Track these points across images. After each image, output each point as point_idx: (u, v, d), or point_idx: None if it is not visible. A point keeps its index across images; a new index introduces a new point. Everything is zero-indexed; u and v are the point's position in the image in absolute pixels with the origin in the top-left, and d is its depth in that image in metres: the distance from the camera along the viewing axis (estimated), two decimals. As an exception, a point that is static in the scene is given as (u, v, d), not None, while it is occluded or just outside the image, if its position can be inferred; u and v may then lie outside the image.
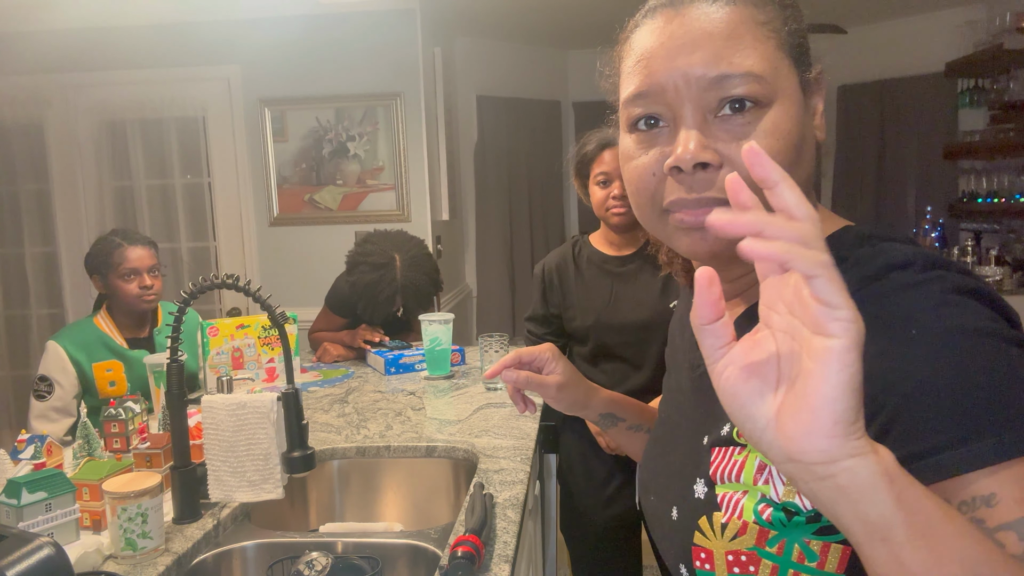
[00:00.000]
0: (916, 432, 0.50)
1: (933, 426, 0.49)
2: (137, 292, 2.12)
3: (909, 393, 0.50)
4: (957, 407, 0.49)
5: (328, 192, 3.75)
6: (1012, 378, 0.49)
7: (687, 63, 0.59)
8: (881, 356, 0.51)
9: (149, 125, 3.81)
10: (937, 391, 0.50)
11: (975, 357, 0.50)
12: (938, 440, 0.49)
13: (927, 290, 0.53)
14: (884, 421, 0.51)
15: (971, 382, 0.49)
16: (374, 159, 3.71)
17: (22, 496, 1.15)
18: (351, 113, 3.69)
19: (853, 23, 4.58)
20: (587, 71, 5.50)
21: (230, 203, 3.85)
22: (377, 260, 2.37)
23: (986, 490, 0.47)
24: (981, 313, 0.52)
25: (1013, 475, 0.47)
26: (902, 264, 0.55)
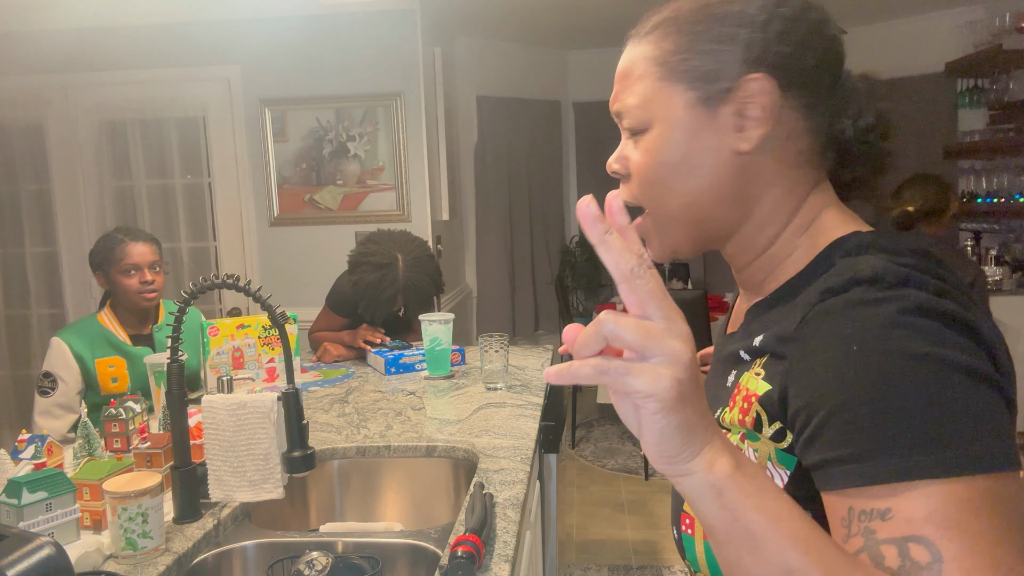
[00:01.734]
0: (836, 442, 0.54)
1: (850, 439, 0.53)
2: (137, 287, 2.13)
3: (838, 405, 0.54)
4: (874, 425, 0.52)
5: (328, 192, 3.75)
6: (933, 405, 0.52)
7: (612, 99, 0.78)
8: (825, 367, 0.56)
9: (149, 125, 3.81)
10: (860, 408, 0.53)
11: (904, 381, 0.52)
12: (851, 452, 0.53)
13: (881, 309, 0.55)
14: (816, 426, 0.56)
15: (893, 404, 0.52)
16: (374, 159, 3.72)
17: (23, 496, 1.15)
18: (351, 113, 3.69)
19: (853, 23, 4.59)
20: (587, 71, 5.56)
21: (230, 203, 3.85)
22: (379, 260, 2.37)
23: (883, 505, 0.51)
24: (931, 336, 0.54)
25: (912, 496, 0.50)
26: (868, 279, 0.57)
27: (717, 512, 0.49)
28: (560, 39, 5.05)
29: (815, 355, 0.57)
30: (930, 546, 0.49)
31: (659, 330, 0.45)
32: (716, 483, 0.48)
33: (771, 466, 0.63)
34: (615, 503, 3.70)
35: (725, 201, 0.69)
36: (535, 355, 2.53)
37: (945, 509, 0.50)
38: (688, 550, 0.71)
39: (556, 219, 5.44)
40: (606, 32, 4.80)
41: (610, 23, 4.55)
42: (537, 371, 2.31)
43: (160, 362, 1.88)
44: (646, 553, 3.20)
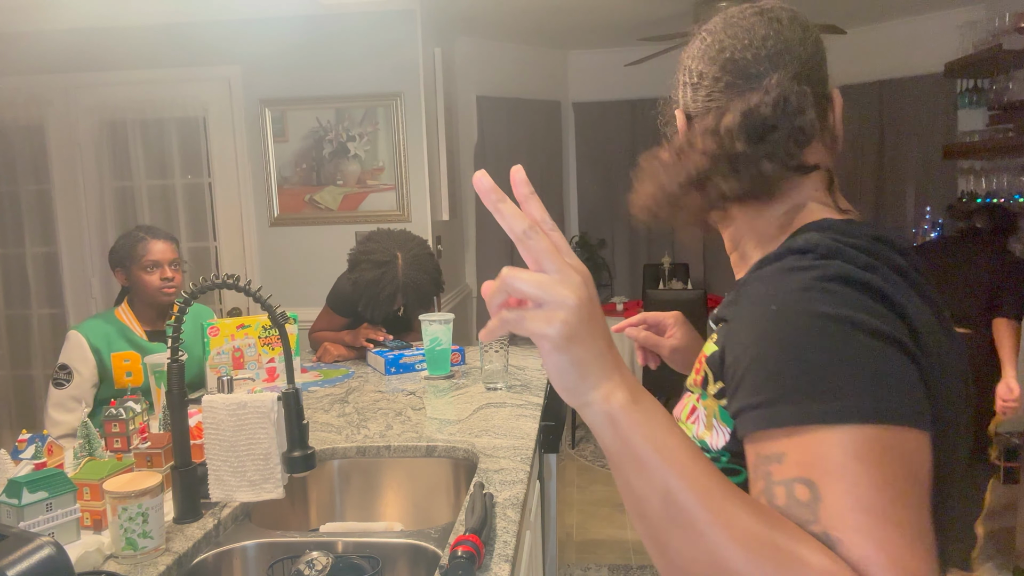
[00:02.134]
0: (749, 391, 0.60)
1: (758, 389, 0.59)
2: (158, 284, 2.18)
3: (754, 358, 0.61)
4: (779, 376, 0.58)
5: (328, 192, 3.76)
6: (834, 360, 0.57)
7: None
8: (749, 325, 0.63)
9: (150, 125, 3.81)
10: (769, 361, 0.59)
11: (810, 337, 0.58)
12: (758, 400, 0.59)
13: (803, 275, 0.62)
14: (739, 376, 0.62)
15: (797, 357, 0.58)
16: (374, 159, 3.72)
17: (23, 496, 1.15)
18: (351, 113, 3.69)
19: (853, 23, 4.58)
20: (587, 71, 5.55)
21: (230, 203, 3.85)
22: (379, 258, 2.37)
23: (780, 449, 0.57)
24: (842, 300, 0.60)
25: (804, 441, 0.56)
26: (800, 250, 0.65)
27: (612, 439, 0.55)
28: (560, 39, 5.05)
29: (743, 315, 0.64)
30: (812, 487, 0.54)
31: (550, 280, 0.52)
32: (610, 413, 0.54)
33: (716, 423, 0.69)
34: (615, 503, 3.70)
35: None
36: (535, 355, 2.53)
37: (831, 455, 0.54)
38: None
39: (556, 219, 5.39)
40: (606, 32, 4.80)
41: (610, 23, 4.55)
42: (537, 371, 2.31)
43: (160, 362, 1.88)
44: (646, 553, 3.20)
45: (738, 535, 0.52)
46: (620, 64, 4.86)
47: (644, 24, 4.45)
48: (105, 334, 2.17)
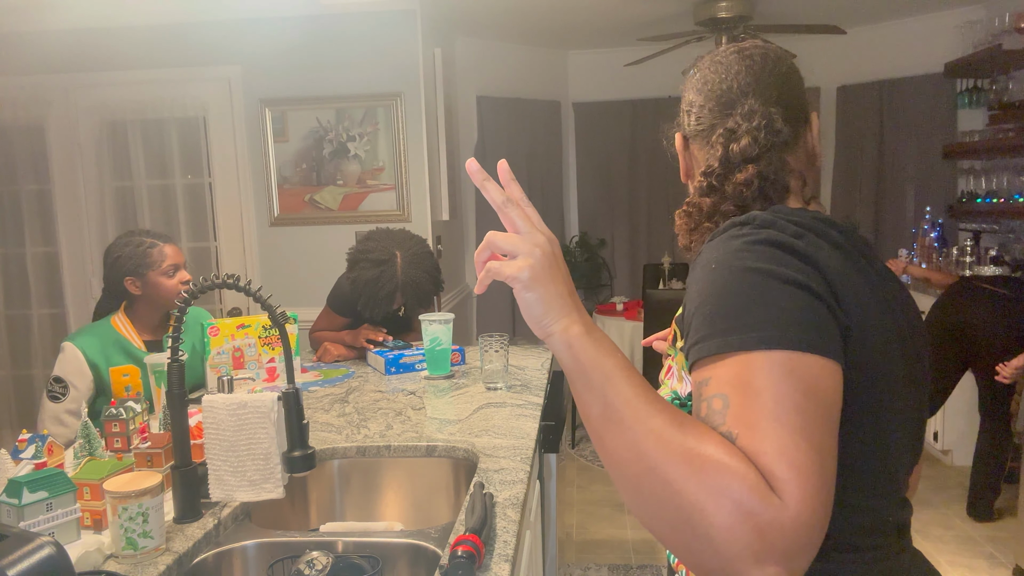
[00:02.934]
0: (691, 334, 0.74)
1: (696, 331, 0.73)
2: (180, 287, 2.13)
3: (696, 307, 0.74)
4: (710, 318, 0.71)
5: (328, 192, 3.76)
6: (753, 302, 0.70)
7: None
8: (695, 283, 0.77)
9: (150, 125, 3.81)
10: (705, 307, 0.73)
11: (737, 286, 0.72)
12: (693, 339, 0.73)
13: (738, 241, 0.75)
14: (687, 325, 0.75)
15: (725, 302, 0.71)
16: (374, 159, 3.72)
17: (23, 495, 1.15)
18: (351, 113, 3.70)
19: (853, 23, 4.59)
20: (587, 71, 5.55)
21: (231, 203, 3.85)
22: (378, 256, 2.37)
23: (707, 374, 0.70)
24: (763, 257, 0.73)
25: (723, 366, 0.69)
26: (740, 222, 0.79)
27: (569, 361, 0.70)
28: (560, 39, 5.05)
29: (693, 277, 0.78)
30: (725, 398, 0.67)
31: (520, 238, 0.70)
32: (568, 341, 0.69)
33: (684, 374, 0.84)
34: (615, 503, 3.70)
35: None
36: (535, 355, 2.53)
37: (742, 374, 0.67)
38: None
39: (556, 219, 5.44)
40: (606, 32, 4.80)
41: (610, 23, 4.55)
42: (537, 371, 2.31)
43: (160, 362, 1.88)
44: (646, 552, 3.20)
45: (654, 430, 0.65)
46: (620, 64, 4.86)
47: (644, 24, 4.45)
48: (103, 348, 2.10)
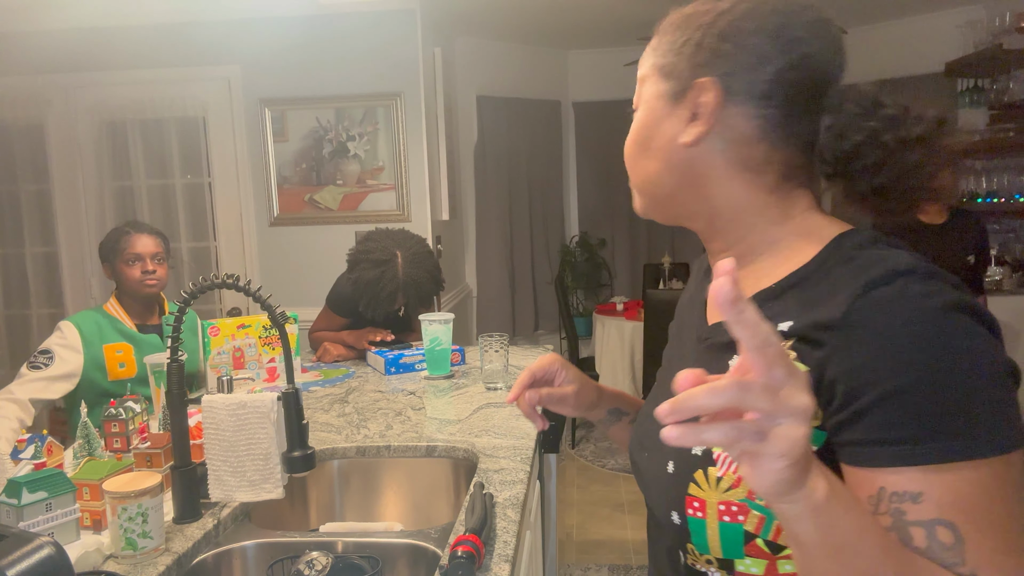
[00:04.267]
0: (883, 424, 0.58)
1: (896, 424, 0.58)
2: (139, 277, 2.21)
3: (888, 391, 0.58)
4: (921, 412, 0.57)
5: (328, 192, 3.76)
6: (970, 396, 0.57)
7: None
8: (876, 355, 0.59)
9: (149, 125, 3.81)
10: (909, 396, 0.58)
11: (952, 374, 0.57)
12: (894, 435, 0.58)
13: (928, 303, 0.60)
14: (861, 407, 0.60)
15: (940, 394, 0.57)
16: (374, 159, 3.72)
17: (22, 496, 1.15)
18: (351, 113, 3.69)
19: (853, 23, 4.59)
20: (587, 71, 5.55)
21: (230, 203, 3.85)
22: (379, 257, 2.37)
23: (916, 487, 0.57)
24: (968, 332, 0.59)
25: (943, 480, 0.56)
26: (905, 271, 0.62)
27: (813, 530, 0.53)
28: (560, 39, 5.05)
29: (866, 343, 0.60)
30: (954, 529, 0.55)
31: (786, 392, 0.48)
32: (816, 506, 0.52)
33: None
34: (615, 503, 3.70)
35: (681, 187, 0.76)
36: (535, 355, 2.53)
37: (969, 494, 0.55)
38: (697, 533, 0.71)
39: (556, 219, 5.44)
40: (606, 32, 4.80)
41: (610, 23, 4.55)
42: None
43: (160, 362, 1.88)
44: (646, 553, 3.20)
45: None
46: (620, 64, 4.86)
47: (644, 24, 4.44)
48: (97, 325, 2.20)
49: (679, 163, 0.75)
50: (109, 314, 2.25)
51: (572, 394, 0.96)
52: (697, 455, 0.72)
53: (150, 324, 2.29)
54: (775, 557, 0.67)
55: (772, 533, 0.66)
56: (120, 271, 2.22)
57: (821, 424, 0.64)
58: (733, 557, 0.69)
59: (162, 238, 2.30)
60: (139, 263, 2.21)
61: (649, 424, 0.85)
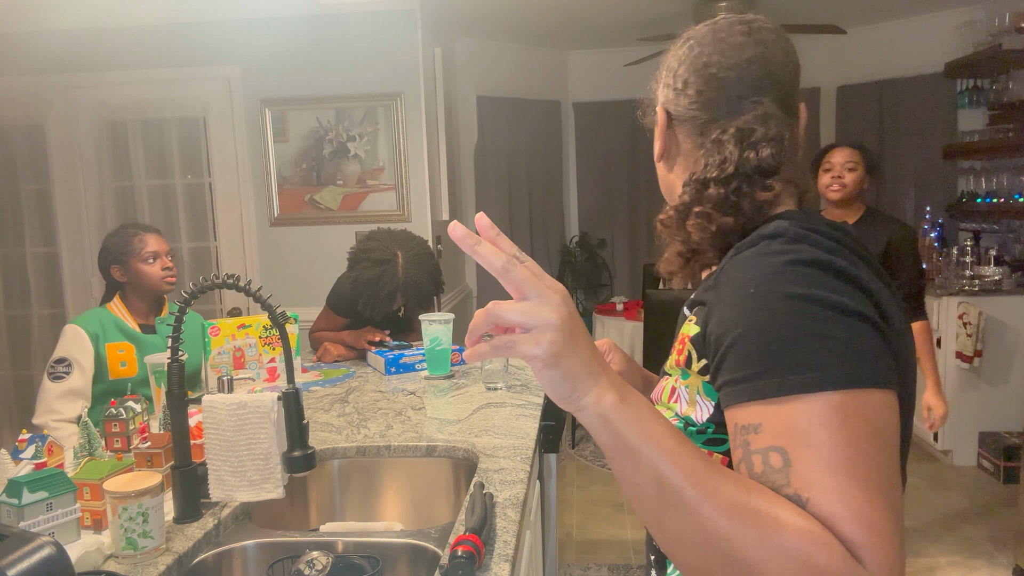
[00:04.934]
0: (731, 367, 0.66)
1: (740, 364, 0.65)
2: (161, 273, 2.24)
3: (736, 337, 0.66)
4: (758, 353, 0.64)
5: (328, 192, 3.76)
6: (806, 335, 0.63)
7: None
8: (730, 306, 0.68)
9: (150, 125, 3.81)
10: (751, 339, 0.65)
11: (787, 316, 0.64)
12: (739, 375, 0.65)
13: (776, 259, 0.68)
14: (720, 355, 0.67)
15: (775, 335, 0.63)
16: (374, 159, 3.72)
17: (23, 496, 1.15)
18: (351, 113, 3.69)
19: (853, 23, 4.58)
20: (587, 71, 5.55)
21: (231, 203, 3.85)
22: (379, 256, 2.37)
23: (757, 419, 0.63)
24: (809, 281, 0.65)
25: (778, 411, 0.61)
26: (771, 235, 0.71)
27: (605, 436, 0.60)
28: (560, 39, 5.05)
29: (724, 297, 0.69)
30: (784, 453, 0.60)
31: (533, 306, 0.57)
32: (602, 413, 0.59)
33: (699, 398, 0.75)
34: (615, 503, 3.70)
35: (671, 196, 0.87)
36: (535, 355, 2.52)
37: (801, 422, 0.60)
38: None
39: (556, 219, 5.44)
40: (606, 32, 4.80)
41: (610, 23, 4.55)
42: (537, 371, 2.31)
43: (160, 362, 1.89)
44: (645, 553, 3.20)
45: (723, 507, 0.57)
46: (620, 64, 4.86)
47: (644, 24, 4.45)
48: (100, 323, 2.21)
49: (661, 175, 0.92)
50: (113, 313, 2.26)
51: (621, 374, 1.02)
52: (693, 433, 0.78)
53: (151, 325, 2.30)
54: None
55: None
56: (138, 270, 2.22)
57: (711, 378, 0.70)
58: None
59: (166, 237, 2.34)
60: (158, 260, 2.24)
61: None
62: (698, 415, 0.75)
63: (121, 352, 2.18)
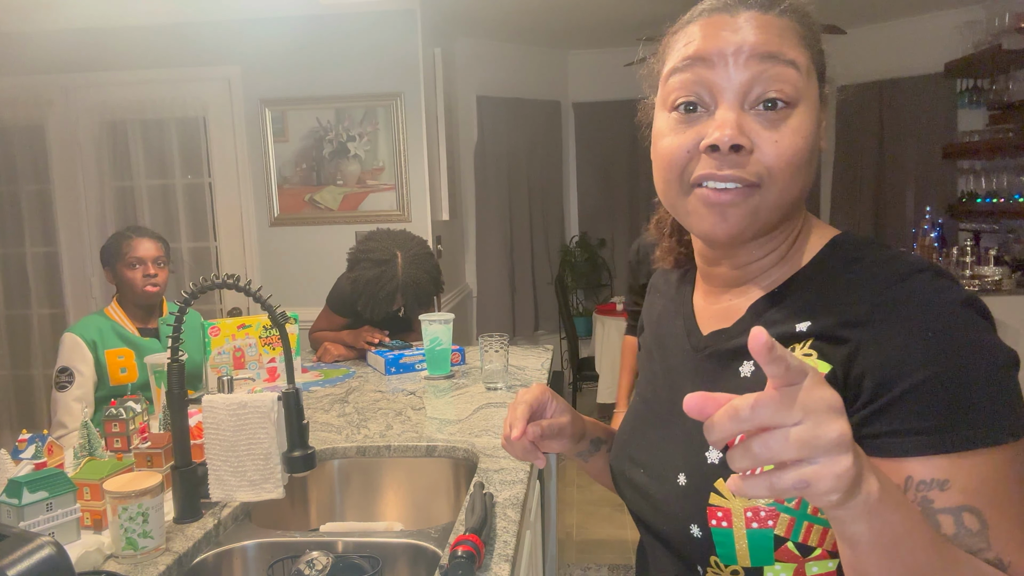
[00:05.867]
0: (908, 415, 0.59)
1: (923, 414, 0.59)
2: (141, 280, 2.24)
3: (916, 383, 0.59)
4: (947, 402, 0.58)
5: (328, 192, 3.76)
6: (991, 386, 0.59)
7: (742, 39, 0.67)
8: (902, 349, 0.61)
9: (150, 125, 3.81)
10: (936, 387, 0.59)
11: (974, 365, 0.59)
12: (921, 424, 0.59)
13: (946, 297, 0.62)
14: (888, 400, 0.60)
15: (963, 385, 0.59)
16: (374, 159, 3.72)
17: (23, 496, 1.15)
18: (351, 113, 3.70)
19: (853, 23, 4.59)
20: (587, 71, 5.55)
21: (231, 203, 3.85)
22: (379, 257, 2.37)
23: (943, 475, 0.58)
24: (982, 325, 0.62)
25: (967, 466, 0.57)
26: (921, 269, 0.64)
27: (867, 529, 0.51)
28: (560, 39, 5.05)
29: (893, 338, 0.61)
30: (979, 515, 0.57)
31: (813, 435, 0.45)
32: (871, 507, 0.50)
33: None
34: (615, 503, 3.70)
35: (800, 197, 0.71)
36: (535, 355, 2.53)
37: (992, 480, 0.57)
38: (723, 544, 0.69)
39: (556, 219, 5.44)
40: (606, 32, 4.80)
41: (610, 23, 4.55)
42: (537, 371, 2.31)
43: (160, 362, 1.89)
44: (646, 553, 3.20)
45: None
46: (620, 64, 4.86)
47: (644, 24, 4.45)
48: (99, 330, 2.22)
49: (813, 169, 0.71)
50: (111, 318, 2.26)
51: (568, 424, 0.89)
52: (714, 463, 0.70)
53: (151, 328, 2.31)
54: (804, 559, 0.66)
55: (802, 535, 0.65)
56: (122, 274, 2.24)
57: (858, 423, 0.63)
58: (762, 564, 0.67)
59: (163, 242, 2.33)
60: (141, 267, 2.24)
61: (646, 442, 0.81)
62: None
63: (121, 359, 2.19)
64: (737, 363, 0.73)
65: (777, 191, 0.67)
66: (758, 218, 0.68)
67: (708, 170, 0.67)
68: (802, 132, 0.67)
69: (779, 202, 0.68)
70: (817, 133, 0.69)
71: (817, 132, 0.69)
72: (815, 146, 0.68)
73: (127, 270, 2.23)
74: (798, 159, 0.66)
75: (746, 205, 0.67)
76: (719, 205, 0.67)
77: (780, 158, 0.66)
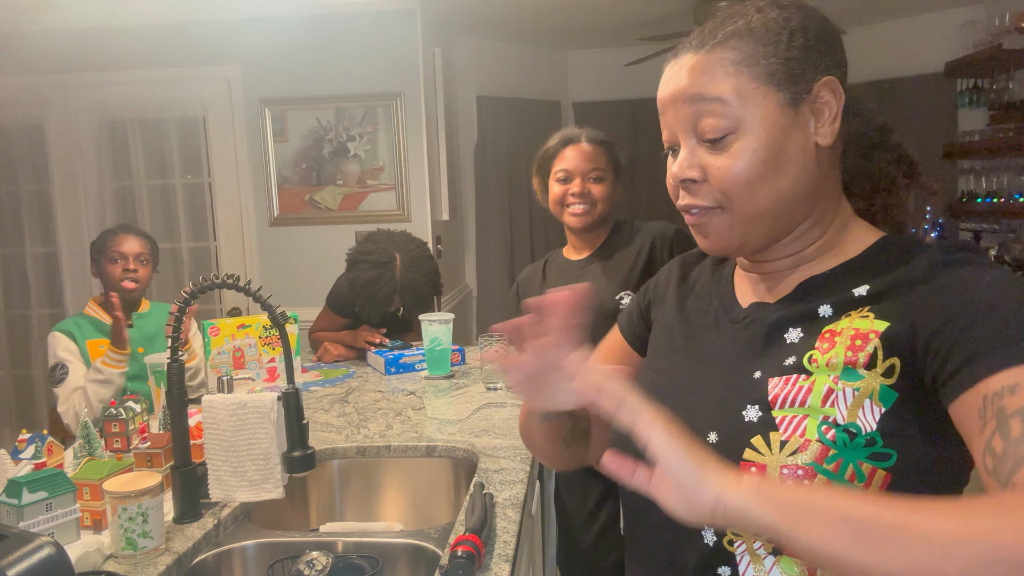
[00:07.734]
0: (978, 339, 0.63)
1: (990, 333, 0.62)
2: (119, 274, 2.28)
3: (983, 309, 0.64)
4: (1009, 321, 0.62)
5: (328, 192, 3.75)
6: None
7: (675, 85, 0.77)
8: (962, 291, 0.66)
9: (149, 125, 3.81)
10: (996, 311, 0.63)
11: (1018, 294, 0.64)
12: (990, 343, 0.62)
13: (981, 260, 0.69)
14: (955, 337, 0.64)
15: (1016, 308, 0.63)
16: (374, 159, 3.72)
17: (23, 496, 1.15)
18: (351, 113, 3.69)
19: (853, 23, 4.58)
20: (587, 71, 5.55)
21: (230, 203, 3.85)
22: (377, 258, 2.37)
23: (1012, 380, 0.59)
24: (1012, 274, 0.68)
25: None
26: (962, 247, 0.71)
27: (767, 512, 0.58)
28: (560, 39, 5.05)
29: (950, 289, 0.67)
30: None
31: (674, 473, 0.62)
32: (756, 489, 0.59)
33: (868, 402, 0.68)
34: (615, 503, 3.69)
35: (805, 195, 0.76)
36: (535, 355, 2.52)
37: None
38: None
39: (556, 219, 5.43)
40: (606, 32, 4.80)
41: (610, 23, 4.55)
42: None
43: (160, 362, 1.89)
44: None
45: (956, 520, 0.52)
46: (620, 64, 4.86)
47: (644, 24, 4.45)
48: (76, 324, 2.30)
49: (811, 170, 0.76)
50: (88, 314, 2.34)
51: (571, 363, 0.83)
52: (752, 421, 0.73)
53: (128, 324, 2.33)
54: None
55: None
56: (103, 268, 2.30)
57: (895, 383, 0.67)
58: None
59: (149, 241, 2.36)
60: (122, 261, 2.28)
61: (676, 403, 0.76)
62: (865, 423, 0.67)
63: (102, 348, 2.24)
64: (782, 331, 0.77)
65: (742, 207, 0.75)
66: (736, 232, 0.76)
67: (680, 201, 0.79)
68: (744, 154, 0.73)
69: (753, 213, 0.75)
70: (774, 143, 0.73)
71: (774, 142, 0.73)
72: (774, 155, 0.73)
73: (108, 264, 2.29)
74: (747, 176, 0.73)
75: (716, 224, 0.76)
76: (696, 226, 0.79)
77: (727, 181, 0.74)
